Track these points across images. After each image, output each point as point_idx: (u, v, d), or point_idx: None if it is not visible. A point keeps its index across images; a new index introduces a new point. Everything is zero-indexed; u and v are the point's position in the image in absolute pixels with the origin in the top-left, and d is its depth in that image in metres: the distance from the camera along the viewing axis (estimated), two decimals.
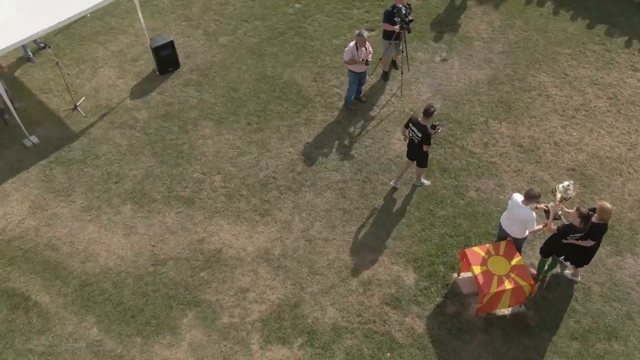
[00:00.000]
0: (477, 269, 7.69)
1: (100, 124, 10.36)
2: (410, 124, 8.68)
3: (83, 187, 9.43)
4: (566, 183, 7.63)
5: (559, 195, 7.59)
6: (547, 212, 7.77)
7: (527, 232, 7.82)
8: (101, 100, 10.77)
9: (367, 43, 9.86)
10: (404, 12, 10.07)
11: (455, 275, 8.38)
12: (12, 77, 11.04)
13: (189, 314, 7.96)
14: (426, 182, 9.52)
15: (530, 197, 7.50)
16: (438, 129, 8.64)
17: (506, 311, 8.01)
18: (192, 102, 10.76)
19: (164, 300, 8.09)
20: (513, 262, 7.74)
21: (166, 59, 11.11)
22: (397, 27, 10.20)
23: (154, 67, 11.25)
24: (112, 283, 8.27)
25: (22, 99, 10.69)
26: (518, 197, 7.64)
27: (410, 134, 8.73)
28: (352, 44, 9.81)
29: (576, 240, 7.42)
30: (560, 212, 7.69)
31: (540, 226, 7.72)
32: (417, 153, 8.92)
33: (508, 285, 7.52)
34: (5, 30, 8.97)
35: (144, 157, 9.84)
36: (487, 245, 8.00)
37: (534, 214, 7.54)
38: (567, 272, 8.39)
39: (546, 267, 8.26)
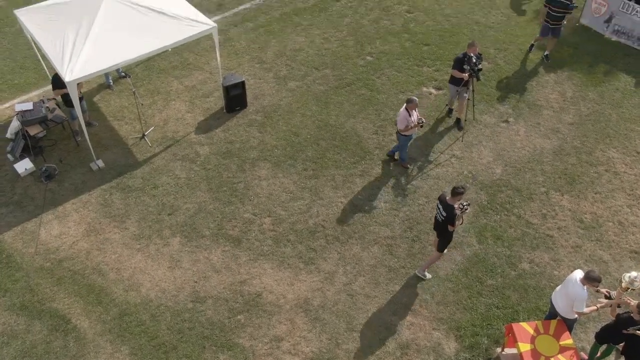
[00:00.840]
0: (523, 346, 7.27)
1: (164, 155, 10.78)
2: (438, 202, 8.17)
3: (137, 215, 9.75)
4: (634, 274, 7.16)
5: (623, 284, 7.15)
6: (607, 297, 7.33)
7: (574, 314, 7.37)
8: (168, 132, 11.24)
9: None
10: (474, 60, 10.20)
11: (498, 350, 7.96)
12: (90, 101, 11.75)
13: (220, 357, 7.92)
14: (429, 275, 8.88)
15: (589, 278, 7.07)
16: (466, 209, 7.90)
17: None
18: (253, 143, 11.03)
19: (199, 339, 8.10)
20: (563, 343, 7.27)
21: (235, 98, 11.51)
22: (466, 74, 10.31)
23: (223, 105, 11.67)
24: (151, 315, 8.39)
25: (96, 123, 11.35)
26: (578, 274, 7.24)
27: (436, 212, 8.26)
28: (403, 110, 9.73)
29: (636, 331, 6.91)
30: (623, 298, 7.24)
31: (591, 309, 7.28)
32: (440, 233, 8.35)
33: None
34: (93, 57, 9.58)
35: (200, 192, 10.10)
36: (536, 322, 7.57)
37: (587, 295, 7.11)
38: None
39: (599, 354, 7.71)
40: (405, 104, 9.73)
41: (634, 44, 12.97)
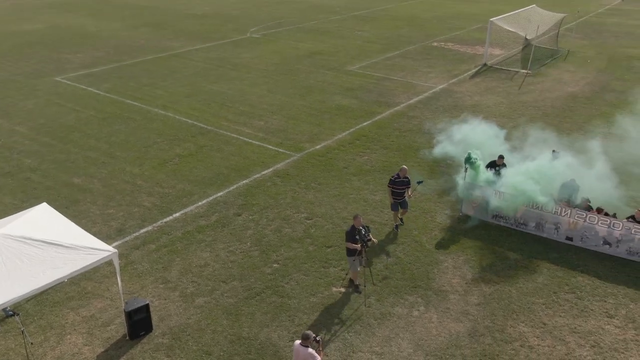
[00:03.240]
0: None
1: None
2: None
3: None
4: None
5: None
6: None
7: None
8: None
9: None
10: (363, 232, 11.53)
11: None
12: None
13: None
14: None
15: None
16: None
17: None
18: None
19: None
20: None
21: (139, 322, 10.80)
22: (359, 245, 11.56)
23: (125, 332, 10.84)
24: None
25: None
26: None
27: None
28: (301, 347, 8.79)
29: None
30: None
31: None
32: None
33: None
34: None
35: None
36: None
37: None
38: None
39: None
40: (300, 341, 8.89)
41: (513, 226, 14.38)
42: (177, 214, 15.09)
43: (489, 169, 15.01)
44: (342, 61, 30.59)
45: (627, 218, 13.19)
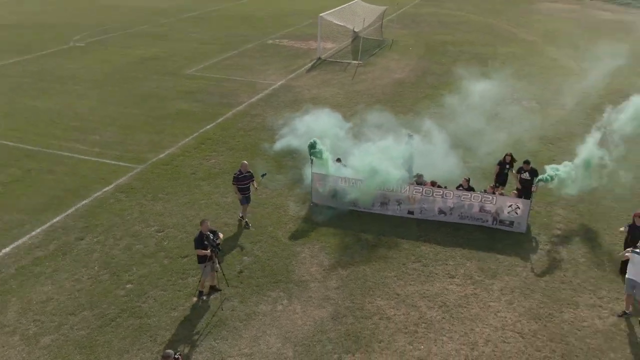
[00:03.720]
0: None
1: None
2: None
3: None
4: None
5: None
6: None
7: None
8: None
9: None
10: (211, 237, 11.41)
11: None
12: None
13: None
14: None
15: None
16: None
17: None
18: None
19: None
20: None
21: None
22: (209, 250, 11.40)
23: None
24: None
25: None
26: None
27: None
28: None
29: None
30: None
31: None
32: None
33: None
34: None
35: None
36: None
37: None
38: None
39: None
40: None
41: (361, 208, 15.14)
42: (7, 249, 13.50)
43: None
44: (179, 65, 29.71)
45: (457, 187, 14.60)
